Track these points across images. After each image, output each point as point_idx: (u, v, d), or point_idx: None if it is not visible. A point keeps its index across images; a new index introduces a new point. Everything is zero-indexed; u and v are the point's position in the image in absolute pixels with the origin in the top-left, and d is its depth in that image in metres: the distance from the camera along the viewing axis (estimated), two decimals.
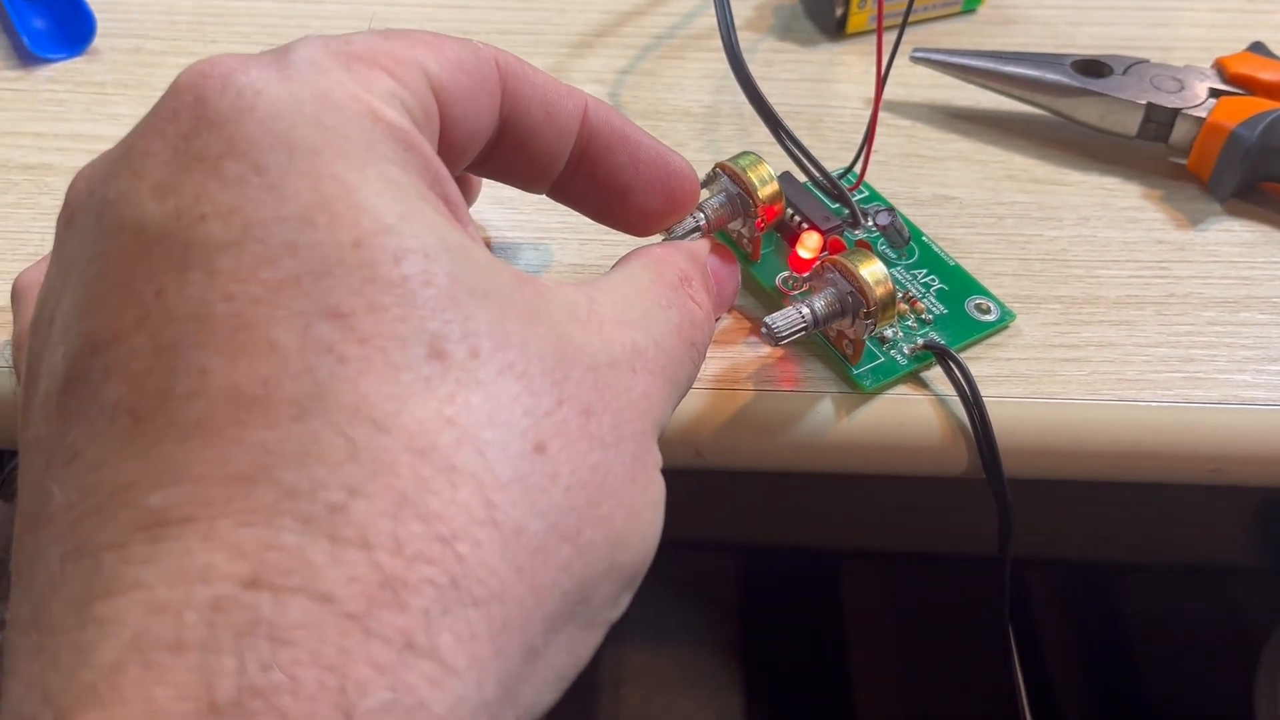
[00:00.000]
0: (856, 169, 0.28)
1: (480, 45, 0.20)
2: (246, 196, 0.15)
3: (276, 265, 0.15)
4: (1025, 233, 0.29)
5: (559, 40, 0.35)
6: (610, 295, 0.19)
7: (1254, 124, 0.29)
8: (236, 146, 0.15)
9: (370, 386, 0.14)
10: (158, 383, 0.14)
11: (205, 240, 0.15)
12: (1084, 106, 0.31)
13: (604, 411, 0.16)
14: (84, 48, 0.34)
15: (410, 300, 0.15)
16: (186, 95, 0.16)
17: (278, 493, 0.14)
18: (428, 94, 0.18)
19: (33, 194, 0.29)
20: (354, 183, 0.15)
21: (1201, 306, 0.27)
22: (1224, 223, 0.29)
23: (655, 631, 0.60)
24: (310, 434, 0.14)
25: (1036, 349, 0.26)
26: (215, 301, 0.15)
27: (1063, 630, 0.61)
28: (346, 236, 0.15)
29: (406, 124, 0.17)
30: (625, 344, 0.18)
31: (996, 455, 0.23)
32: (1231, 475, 0.25)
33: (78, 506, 0.14)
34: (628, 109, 0.33)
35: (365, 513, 0.14)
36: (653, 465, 0.18)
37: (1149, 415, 0.25)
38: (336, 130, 0.16)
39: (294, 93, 0.16)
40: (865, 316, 0.22)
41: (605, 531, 0.16)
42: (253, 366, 0.14)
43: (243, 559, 0.13)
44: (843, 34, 0.35)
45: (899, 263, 0.27)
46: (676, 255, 0.22)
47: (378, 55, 0.18)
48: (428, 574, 0.14)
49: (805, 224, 0.26)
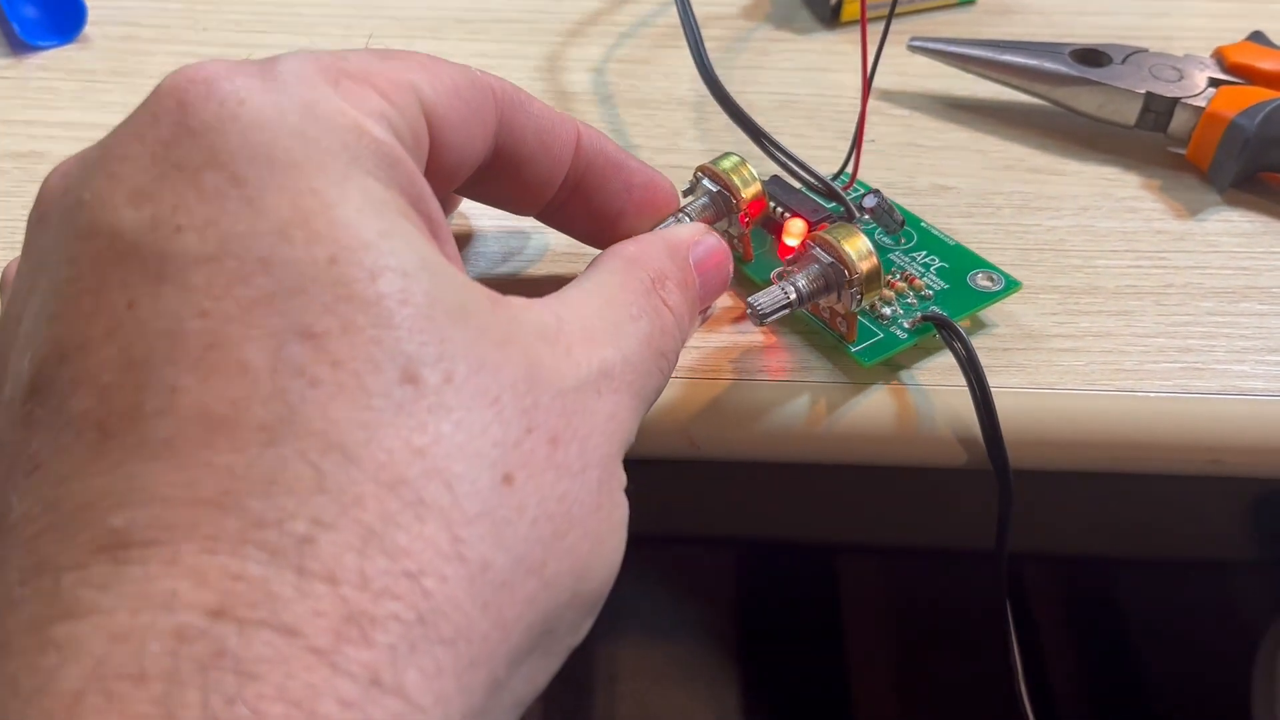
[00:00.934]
0: (849, 169, 0.28)
1: (478, 73, 0.20)
2: (224, 210, 0.15)
3: (250, 282, 0.15)
4: (1023, 222, 0.29)
5: (553, 28, 0.35)
6: (578, 311, 0.18)
7: (1253, 113, 0.28)
8: (216, 157, 0.15)
9: (340, 413, 0.14)
10: (126, 398, 0.14)
11: (181, 253, 0.15)
12: (1082, 96, 0.30)
13: (571, 439, 0.16)
14: (75, 35, 0.34)
15: (385, 320, 0.15)
16: (169, 100, 0.16)
17: (245, 521, 0.13)
18: (418, 117, 0.18)
19: (23, 182, 0.29)
20: (333, 197, 0.15)
21: (1200, 297, 0.27)
22: (1223, 213, 0.29)
23: (651, 626, 0.60)
24: (279, 461, 0.14)
25: (1034, 339, 0.25)
26: (188, 317, 0.14)
27: (1060, 624, 0.61)
28: (322, 253, 0.15)
29: (392, 141, 0.17)
30: (593, 364, 0.18)
31: (997, 426, 0.23)
32: (1230, 466, 0.25)
33: (39, 520, 0.14)
34: (622, 97, 0.32)
35: (332, 546, 0.13)
36: (617, 487, 0.18)
37: (1147, 406, 0.24)
38: (318, 143, 0.16)
39: (278, 103, 0.16)
40: (850, 287, 0.22)
41: (570, 562, 0.16)
42: (223, 387, 0.14)
43: (207, 588, 0.13)
44: (838, 22, 0.35)
45: (896, 248, 0.26)
46: (652, 252, 0.21)
47: (370, 74, 0.18)
48: (394, 610, 0.13)
49: (790, 215, 0.26)
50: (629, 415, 0.18)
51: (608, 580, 0.17)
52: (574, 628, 0.17)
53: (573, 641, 0.17)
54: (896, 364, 0.24)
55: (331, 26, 0.35)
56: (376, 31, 0.35)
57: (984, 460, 0.24)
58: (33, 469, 0.14)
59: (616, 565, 0.17)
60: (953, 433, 0.24)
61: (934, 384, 0.24)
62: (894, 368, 0.24)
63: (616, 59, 0.34)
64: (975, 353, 0.23)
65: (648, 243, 0.21)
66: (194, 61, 0.17)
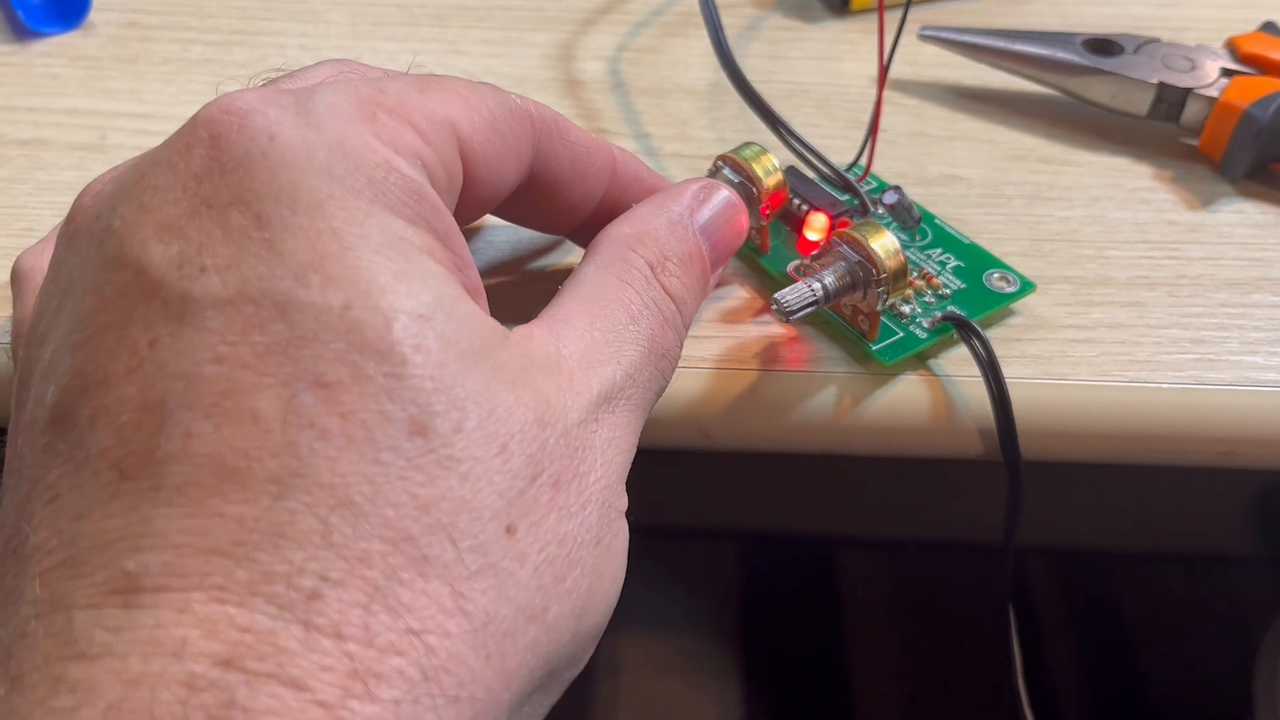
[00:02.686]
0: (862, 161, 0.28)
1: (517, 99, 0.20)
2: (246, 251, 0.15)
3: (266, 329, 0.15)
4: (1035, 213, 0.28)
5: (563, 17, 0.35)
6: (576, 330, 0.18)
7: (1266, 104, 0.28)
8: (244, 196, 0.15)
9: (348, 467, 0.14)
10: (144, 441, 0.14)
11: (202, 295, 0.15)
12: (1094, 86, 0.30)
13: (572, 479, 0.16)
14: (79, 22, 0.33)
15: (397, 369, 0.15)
16: (203, 131, 0.16)
17: (254, 573, 0.14)
18: (454, 154, 0.18)
19: (28, 169, 0.29)
20: (352, 238, 0.15)
21: (1213, 288, 0.27)
22: (1235, 204, 0.29)
23: (653, 618, 0.60)
24: (288, 514, 0.14)
25: (1046, 330, 0.25)
26: (205, 362, 0.15)
27: (1062, 618, 0.61)
28: (337, 298, 0.15)
29: (420, 179, 0.17)
30: (593, 390, 0.18)
31: (1013, 425, 0.23)
32: (1242, 458, 0.25)
33: (55, 554, 0.14)
34: (632, 86, 0.32)
35: (338, 602, 0.14)
36: (617, 515, 0.18)
37: (1160, 397, 0.24)
38: (343, 180, 0.16)
39: (308, 140, 0.16)
40: (877, 285, 0.22)
41: (571, 603, 0.16)
42: (236, 436, 0.14)
43: (217, 638, 0.13)
44: (848, 11, 0.35)
45: (912, 244, 0.26)
46: (649, 230, 0.20)
47: (408, 109, 0.17)
48: (398, 665, 0.14)
49: (811, 209, 0.26)
50: (629, 434, 0.18)
51: (607, 612, 0.17)
52: (575, 662, 0.17)
53: (572, 675, 0.17)
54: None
55: (336, 14, 0.34)
56: (381, 19, 0.34)
57: (998, 453, 0.24)
58: (51, 499, 0.14)
59: (616, 596, 0.17)
60: (971, 425, 0.24)
61: (951, 374, 0.24)
62: (912, 358, 0.24)
63: (626, 47, 0.34)
64: (995, 354, 0.23)
65: (645, 219, 0.21)
66: (233, 90, 0.17)
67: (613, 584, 0.17)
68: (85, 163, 0.29)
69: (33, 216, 0.27)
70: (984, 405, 0.24)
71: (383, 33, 0.34)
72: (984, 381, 0.23)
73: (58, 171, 0.29)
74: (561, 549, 0.16)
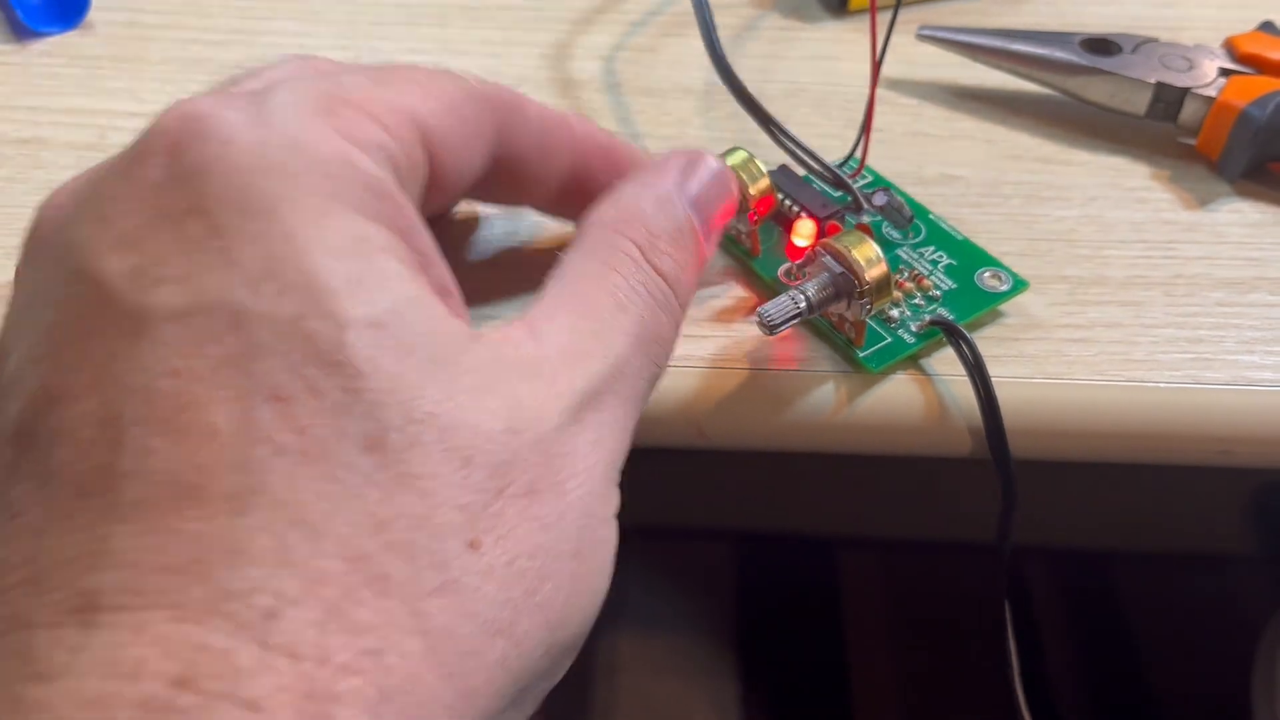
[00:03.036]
0: (857, 155, 0.28)
1: (475, 84, 0.20)
2: (201, 262, 0.15)
3: (221, 340, 0.14)
4: (1032, 212, 0.28)
5: (559, 15, 0.35)
6: (557, 323, 0.18)
7: (1264, 103, 0.28)
8: (200, 203, 0.15)
9: (305, 484, 0.14)
10: (102, 456, 0.14)
11: (157, 308, 0.15)
12: (1092, 85, 0.30)
13: (548, 488, 0.16)
14: (78, 21, 0.33)
15: (351, 382, 0.15)
16: (161, 139, 0.16)
17: (210, 591, 0.13)
18: (416, 144, 0.18)
19: (26, 169, 0.29)
20: (307, 241, 0.15)
21: (1210, 287, 0.27)
22: (1233, 203, 0.29)
23: (651, 618, 0.60)
24: (245, 532, 0.14)
25: (1043, 329, 0.25)
26: (161, 375, 0.14)
27: (1059, 618, 0.61)
28: (291, 307, 0.15)
29: (380, 172, 0.17)
30: (576, 389, 0.17)
31: (1001, 430, 0.23)
32: (1239, 457, 0.25)
33: (17, 571, 0.14)
34: (629, 86, 0.32)
35: (294, 621, 0.13)
36: (600, 523, 0.17)
37: (1156, 396, 0.24)
38: (299, 179, 0.16)
39: (263, 140, 0.16)
40: (860, 297, 0.22)
41: (545, 616, 0.16)
42: (192, 452, 0.14)
43: (172, 657, 0.13)
44: (846, 10, 0.35)
45: (905, 242, 0.26)
46: (636, 210, 0.20)
47: (368, 101, 0.17)
48: (355, 685, 0.13)
49: (802, 212, 0.26)
50: (618, 431, 0.18)
51: (586, 624, 0.17)
52: (549, 675, 0.16)
53: (548, 686, 0.17)
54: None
55: (335, 13, 0.34)
56: (380, 19, 0.34)
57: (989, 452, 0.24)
58: (12, 516, 0.14)
59: (596, 608, 0.17)
60: (963, 423, 0.24)
61: (944, 373, 0.24)
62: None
63: (624, 47, 0.34)
64: (982, 358, 0.23)
65: (630, 199, 0.20)
66: (184, 100, 0.17)
67: (592, 596, 0.17)
68: (84, 162, 0.29)
69: (30, 216, 0.27)
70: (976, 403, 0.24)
71: (381, 32, 0.34)
72: (971, 383, 0.23)
73: (57, 171, 0.29)
74: (533, 561, 0.15)
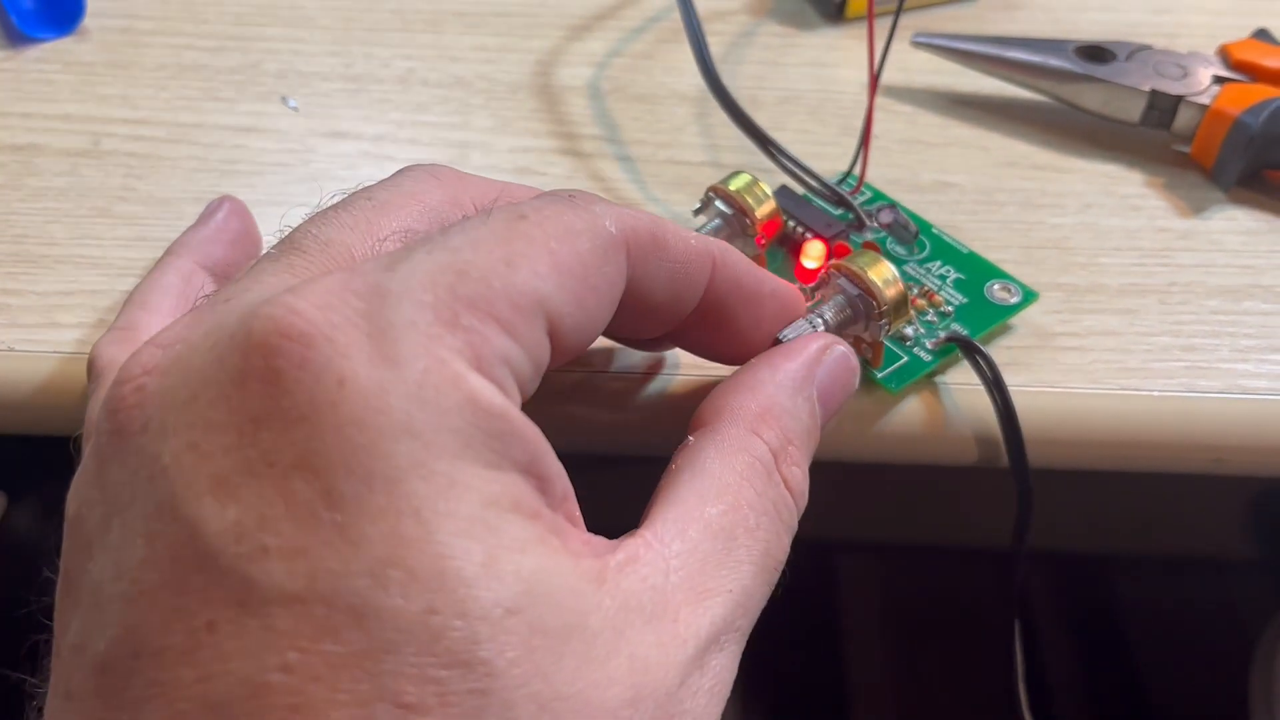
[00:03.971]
0: (856, 171, 0.28)
1: (615, 227, 0.17)
2: (315, 537, 0.14)
3: (339, 636, 0.13)
4: (1027, 220, 0.28)
5: (556, 22, 0.35)
6: (687, 542, 0.17)
7: (1258, 111, 0.28)
8: (310, 460, 0.14)
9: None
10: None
11: (265, 584, 0.13)
12: (1087, 92, 0.30)
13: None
14: (73, 27, 0.33)
15: (483, 684, 0.14)
16: (258, 360, 0.14)
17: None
18: (543, 341, 0.16)
19: (20, 175, 0.29)
20: (436, 518, 0.14)
21: (1204, 295, 0.27)
22: (1227, 211, 0.29)
23: None
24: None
25: (1038, 337, 0.25)
26: (272, 669, 0.13)
27: (1058, 623, 0.61)
28: (419, 603, 0.14)
29: (505, 403, 0.15)
30: (701, 633, 0.16)
31: (1020, 441, 0.23)
32: (1233, 465, 0.25)
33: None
34: (625, 92, 0.32)
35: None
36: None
37: (1151, 404, 0.24)
38: (425, 438, 0.14)
39: (383, 386, 0.14)
40: (879, 318, 0.22)
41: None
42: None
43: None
44: (842, 18, 0.35)
45: (910, 259, 0.26)
46: (773, 406, 0.19)
47: (494, 299, 0.15)
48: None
49: (808, 233, 0.26)
50: (732, 672, 0.17)
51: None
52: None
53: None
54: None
55: (330, 19, 0.34)
56: (375, 25, 0.34)
57: (1000, 460, 0.24)
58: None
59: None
60: (975, 433, 0.24)
61: (956, 383, 0.24)
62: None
63: (619, 53, 0.34)
64: (1000, 372, 0.23)
65: (768, 390, 0.19)
66: (289, 296, 0.15)
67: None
68: (78, 168, 0.29)
69: (25, 223, 0.27)
70: (986, 413, 0.24)
71: (376, 39, 0.34)
72: (990, 399, 0.23)
73: (50, 178, 0.29)
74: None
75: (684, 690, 0.16)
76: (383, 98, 0.32)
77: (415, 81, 0.32)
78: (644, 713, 0.15)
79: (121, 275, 0.26)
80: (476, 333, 0.15)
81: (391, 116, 0.31)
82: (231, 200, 0.27)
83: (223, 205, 0.27)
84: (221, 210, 0.26)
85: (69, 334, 0.25)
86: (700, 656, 0.16)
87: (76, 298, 0.26)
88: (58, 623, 0.16)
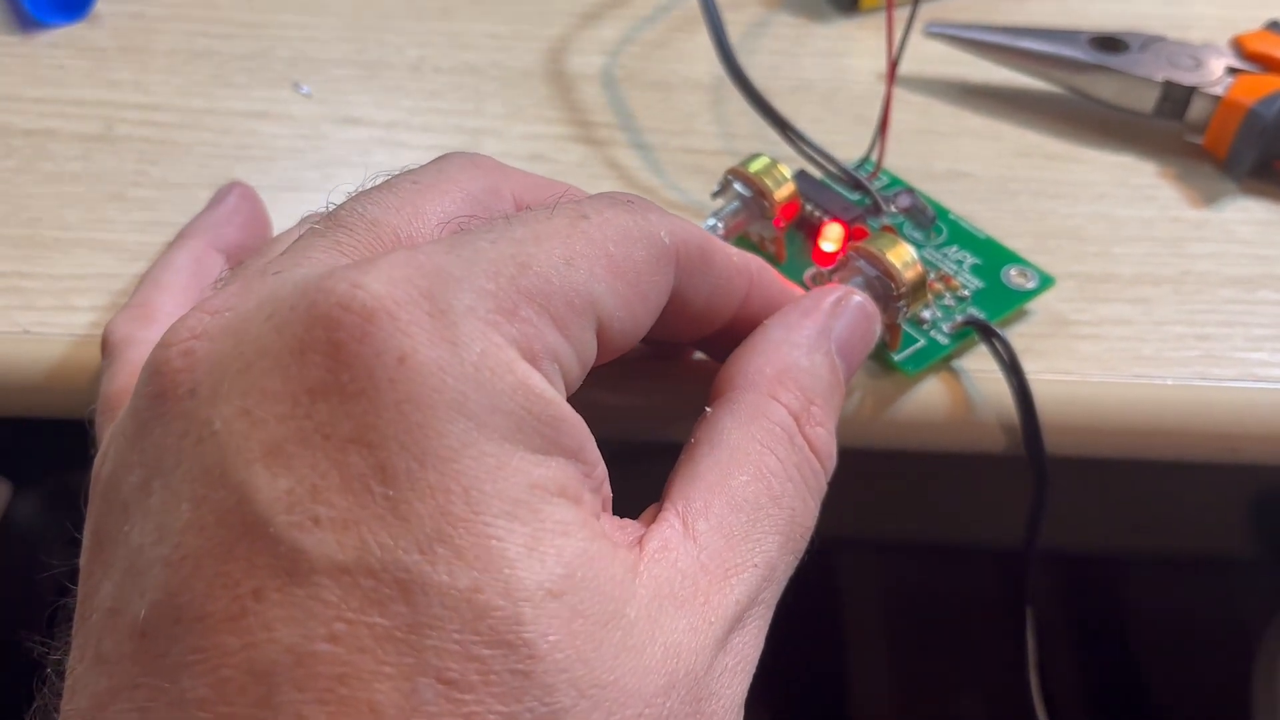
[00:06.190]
0: (874, 157, 0.28)
1: (669, 236, 0.18)
2: (367, 510, 0.14)
3: (387, 609, 0.13)
4: (1040, 209, 0.28)
5: (568, 9, 0.35)
6: (712, 519, 0.17)
7: (1271, 102, 0.28)
8: (365, 435, 0.14)
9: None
10: (249, 710, 0.13)
11: (315, 554, 0.13)
12: (1100, 83, 0.30)
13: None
14: (85, 13, 0.33)
15: (524, 665, 0.14)
16: (320, 331, 0.14)
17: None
18: (591, 341, 0.17)
19: (34, 160, 0.29)
20: (484, 498, 0.14)
21: (1218, 285, 0.27)
22: (1240, 201, 0.29)
23: None
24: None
25: (1053, 325, 0.25)
26: (319, 639, 0.13)
27: (1060, 619, 0.61)
28: (465, 580, 0.14)
29: (553, 394, 0.15)
30: (729, 614, 0.16)
31: (1037, 428, 0.23)
32: (1246, 454, 0.25)
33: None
34: (638, 80, 0.32)
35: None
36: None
37: (1165, 393, 0.24)
38: (479, 419, 0.14)
39: (442, 365, 0.14)
40: (897, 300, 0.22)
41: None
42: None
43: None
44: (856, 9, 0.35)
45: (927, 244, 0.26)
46: (789, 367, 0.19)
47: (552, 295, 0.16)
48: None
49: (826, 217, 0.26)
50: (758, 644, 0.17)
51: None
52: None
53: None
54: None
55: (342, 6, 0.34)
56: (386, 11, 0.34)
57: (1018, 448, 0.24)
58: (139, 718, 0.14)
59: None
60: (992, 420, 0.24)
61: (971, 369, 0.24)
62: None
63: (632, 41, 0.34)
64: (1017, 356, 0.23)
65: (783, 351, 0.19)
66: (353, 271, 0.15)
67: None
68: (91, 153, 0.29)
69: (39, 207, 0.27)
70: (1002, 399, 0.24)
71: (389, 25, 0.34)
72: (1007, 382, 0.23)
73: (64, 162, 0.29)
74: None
75: (711, 673, 0.16)
76: (395, 84, 0.32)
77: (428, 68, 0.32)
78: (676, 698, 0.15)
79: (135, 259, 0.26)
80: (532, 325, 0.15)
81: (404, 103, 0.31)
82: (241, 185, 0.27)
83: (233, 190, 0.27)
84: (232, 195, 0.27)
85: (83, 317, 0.25)
86: (726, 636, 0.16)
87: (90, 281, 0.26)
88: (84, 585, 0.15)
